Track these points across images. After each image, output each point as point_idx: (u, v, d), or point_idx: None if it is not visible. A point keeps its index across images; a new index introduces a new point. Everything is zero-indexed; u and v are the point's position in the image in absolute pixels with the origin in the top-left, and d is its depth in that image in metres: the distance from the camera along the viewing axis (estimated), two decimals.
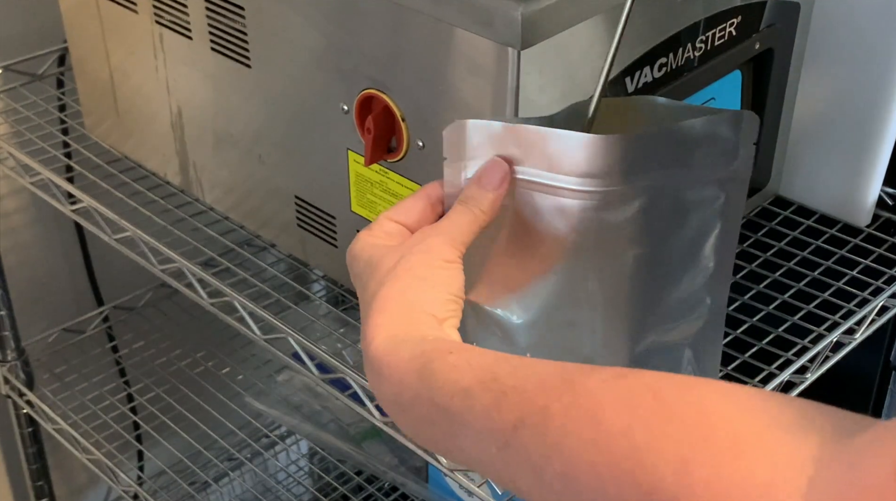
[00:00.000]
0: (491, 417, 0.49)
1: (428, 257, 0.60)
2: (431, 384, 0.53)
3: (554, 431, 0.45)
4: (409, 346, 0.56)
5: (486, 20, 0.67)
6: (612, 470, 0.42)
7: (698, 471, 0.40)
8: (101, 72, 1.06)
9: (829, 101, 0.93)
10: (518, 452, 0.47)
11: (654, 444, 0.41)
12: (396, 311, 0.59)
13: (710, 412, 0.42)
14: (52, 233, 1.34)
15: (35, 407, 1.30)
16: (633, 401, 0.44)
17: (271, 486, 1.45)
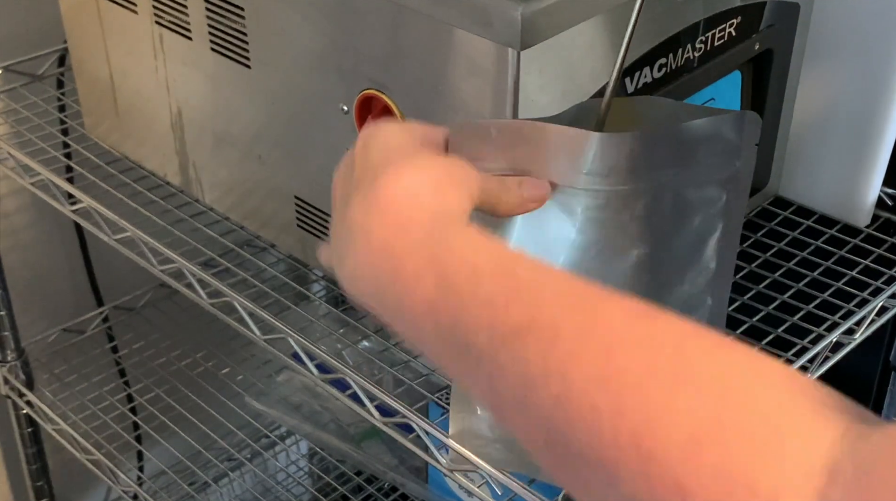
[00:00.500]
0: (495, 309, 0.45)
1: (455, 166, 0.55)
2: (441, 245, 0.48)
3: (560, 352, 0.42)
4: (429, 204, 0.51)
5: (485, 20, 0.67)
6: (614, 420, 0.40)
7: (707, 456, 0.38)
8: (100, 72, 1.06)
9: (829, 101, 0.93)
10: (513, 357, 0.43)
11: (667, 408, 0.39)
12: (423, 175, 0.53)
13: (731, 386, 0.39)
14: (52, 233, 1.34)
15: (35, 408, 1.30)
16: (653, 349, 0.41)
17: (271, 486, 1.45)
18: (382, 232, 0.51)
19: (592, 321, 0.43)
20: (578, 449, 0.41)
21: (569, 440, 0.41)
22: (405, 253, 0.49)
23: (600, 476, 0.40)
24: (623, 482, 0.39)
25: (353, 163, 0.56)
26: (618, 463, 0.40)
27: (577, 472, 0.42)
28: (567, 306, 0.44)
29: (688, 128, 0.64)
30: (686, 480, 0.38)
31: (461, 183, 0.54)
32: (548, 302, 0.45)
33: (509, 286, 0.46)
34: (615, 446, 0.40)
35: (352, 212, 0.53)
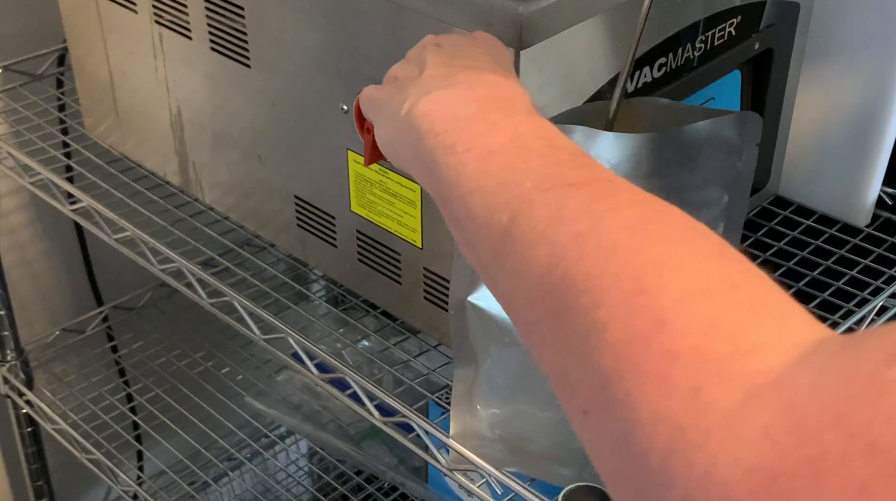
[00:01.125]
0: (557, 166, 0.48)
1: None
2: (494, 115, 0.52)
3: (601, 206, 0.44)
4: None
5: (485, 20, 0.67)
6: (627, 257, 0.41)
7: (703, 307, 0.38)
8: (100, 72, 1.06)
9: (829, 101, 0.93)
10: (556, 202, 0.45)
11: (681, 261, 0.40)
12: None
13: (743, 268, 0.40)
14: (52, 232, 1.34)
15: (35, 407, 1.30)
16: (679, 225, 0.43)
17: (271, 486, 1.45)
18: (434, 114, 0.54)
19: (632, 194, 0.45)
20: (576, 278, 0.42)
21: (573, 274, 0.42)
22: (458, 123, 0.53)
23: (584, 300, 0.41)
24: (603, 307, 0.40)
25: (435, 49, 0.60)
26: (608, 291, 0.40)
27: (564, 303, 0.42)
28: (624, 188, 0.47)
29: (692, 130, 0.64)
30: (671, 319, 0.38)
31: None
32: (606, 174, 0.48)
33: (568, 152, 0.49)
34: (614, 276, 0.40)
35: (408, 98, 0.56)
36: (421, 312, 0.85)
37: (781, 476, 0.32)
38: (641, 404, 0.37)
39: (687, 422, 0.35)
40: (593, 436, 0.40)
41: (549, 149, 0.50)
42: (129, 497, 1.29)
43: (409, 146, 0.56)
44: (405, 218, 0.81)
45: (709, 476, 0.34)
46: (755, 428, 0.33)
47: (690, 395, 0.36)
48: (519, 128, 0.52)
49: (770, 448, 0.33)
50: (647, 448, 0.36)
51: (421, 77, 0.57)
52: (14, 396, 1.31)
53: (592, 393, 0.40)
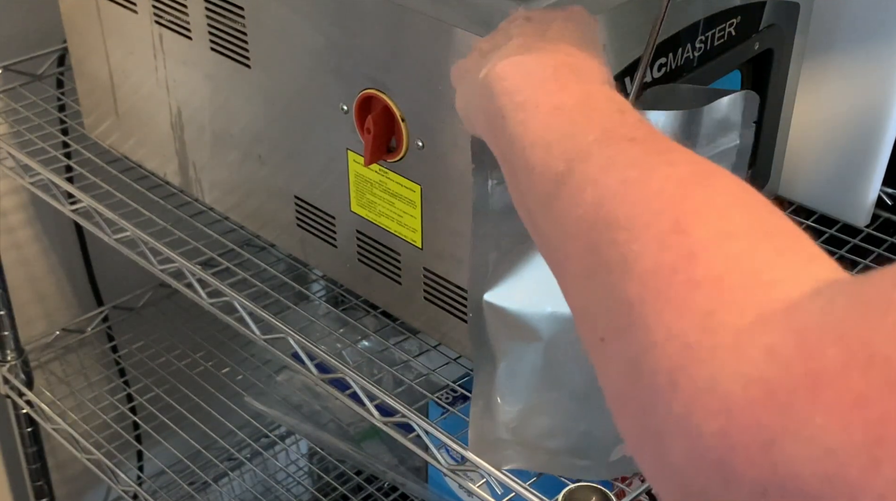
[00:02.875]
0: (621, 115, 0.50)
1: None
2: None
3: (657, 159, 0.46)
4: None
5: (485, 20, 0.67)
6: (666, 201, 0.42)
7: (732, 246, 0.39)
8: (100, 72, 1.06)
9: (829, 102, 0.93)
10: (615, 154, 0.47)
11: (714, 205, 0.42)
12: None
13: (771, 212, 0.42)
14: (52, 232, 1.34)
15: (35, 407, 1.30)
16: (716, 175, 0.44)
17: (271, 486, 1.45)
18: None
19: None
20: (618, 217, 0.43)
21: (615, 214, 0.43)
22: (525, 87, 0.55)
23: (621, 236, 0.42)
24: (638, 241, 0.41)
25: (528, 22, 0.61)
26: (645, 228, 0.41)
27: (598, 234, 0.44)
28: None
29: (703, 111, 0.67)
30: (700, 252, 0.39)
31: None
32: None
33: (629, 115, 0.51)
34: (654, 216, 0.42)
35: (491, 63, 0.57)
36: (421, 312, 0.85)
37: (780, 389, 0.33)
38: (658, 326, 0.38)
39: (696, 340, 0.36)
40: (607, 362, 0.42)
41: (615, 112, 0.51)
42: (129, 497, 1.29)
43: (481, 107, 0.57)
44: (405, 218, 0.82)
45: (710, 389, 0.35)
46: (760, 347, 0.35)
47: (703, 317, 0.37)
48: (590, 93, 0.53)
49: (772, 363, 0.34)
50: (656, 366, 0.37)
51: (505, 45, 0.59)
52: (14, 396, 1.31)
53: (612, 320, 0.41)
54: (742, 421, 0.34)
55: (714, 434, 0.35)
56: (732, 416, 0.34)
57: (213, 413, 1.35)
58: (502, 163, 0.55)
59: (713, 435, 0.35)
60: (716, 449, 0.35)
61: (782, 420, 0.33)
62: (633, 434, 0.40)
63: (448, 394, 0.88)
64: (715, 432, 0.35)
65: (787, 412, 0.33)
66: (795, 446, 0.32)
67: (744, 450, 0.34)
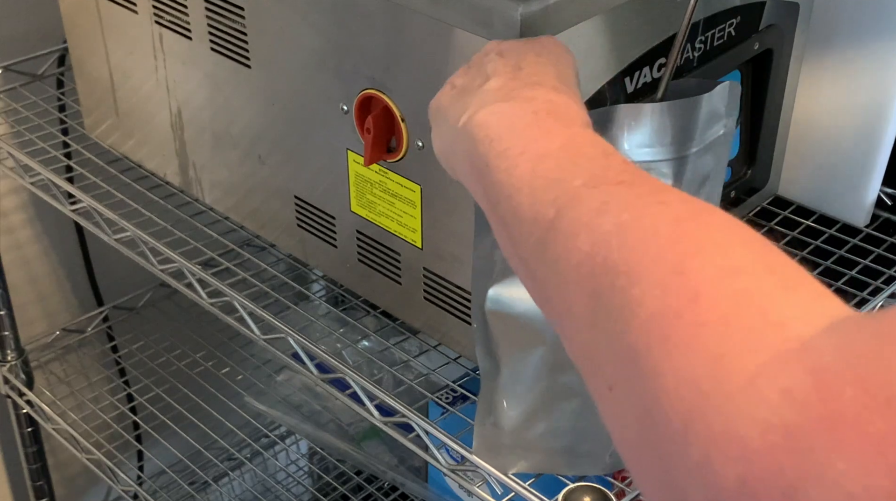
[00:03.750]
0: (606, 159, 0.50)
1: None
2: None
3: (650, 200, 0.45)
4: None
5: (485, 20, 0.67)
6: (667, 243, 0.42)
7: (739, 282, 0.38)
8: (100, 72, 1.06)
9: (829, 102, 0.93)
10: (608, 198, 0.46)
11: (717, 244, 0.41)
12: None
13: (770, 249, 0.41)
14: (52, 232, 1.34)
15: (35, 407, 1.30)
16: (712, 215, 0.44)
17: (271, 486, 1.45)
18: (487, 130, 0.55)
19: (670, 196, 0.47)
20: (616, 262, 0.42)
21: (613, 260, 0.43)
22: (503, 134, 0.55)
23: (621, 282, 0.41)
24: (639, 286, 0.40)
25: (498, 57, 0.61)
26: (645, 272, 0.41)
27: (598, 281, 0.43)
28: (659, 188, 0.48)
29: (697, 101, 0.68)
30: (704, 293, 0.38)
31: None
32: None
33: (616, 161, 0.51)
34: (653, 259, 0.41)
35: (465, 110, 0.57)
36: (421, 312, 0.85)
37: (799, 432, 0.32)
38: (667, 373, 0.37)
39: (710, 386, 0.36)
40: (617, 411, 0.41)
41: (601, 155, 0.50)
42: (129, 497, 1.29)
43: (463, 154, 0.57)
44: (405, 218, 0.82)
45: (727, 435, 0.34)
46: (776, 389, 0.34)
47: (714, 361, 0.36)
48: (573, 137, 0.52)
49: (790, 406, 0.33)
50: (670, 413, 0.37)
51: (482, 88, 0.58)
52: (14, 396, 1.31)
53: (619, 368, 0.40)
54: (762, 468, 0.33)
55: (734, 483, 0.34)
56: (752, 463, 0.33)
57: (213, 413, 1.35)
58: (488, 212, 0.54)
59: (733, 483, 0.34)
60: (736, 497, 0.34)
61: (803, 465, 0.32)
62: (650, 483, 0.39)
63: (448, 394, 0.88)
64: (735, 480, 0.34)
65: (807, 457, 0.32)
66: (817, 492, 0.32)
67: (765, 497, 0.33)
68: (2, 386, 1.32)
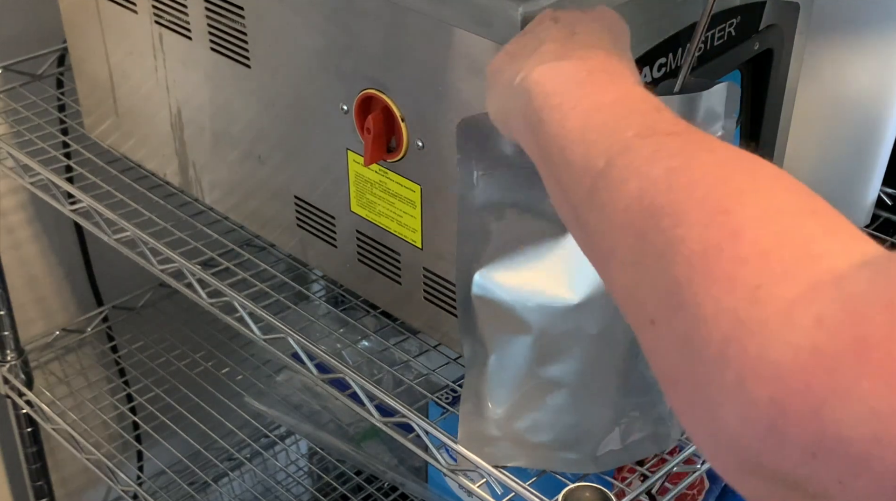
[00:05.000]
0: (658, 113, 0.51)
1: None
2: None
3: (698, 151, 0.47)
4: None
5: (485, 20, 0.67)
6: (710, 185, 0.43)
7: (780, 222, 0.40)
8: (100, 72, 1.06)
9: (829, 102, 0.93)
10: (658, 147, 0.48)
11: (757, 188, 0.43)
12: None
13: (812, 194, 0.43)
14: (52, 232, 1.34)
15: (34, 407, 1.30)
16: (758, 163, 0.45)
17: (271, 486, 1.45)
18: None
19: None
20: (663, 204, 0.44)
21: (660, 202, 0.44)
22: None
23: (666, 222, 0.43)
24: (683, 225, 0.42)
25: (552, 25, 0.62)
26: (690, 211, 0.42)
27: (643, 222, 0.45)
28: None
29: (697, 98, 0.68)
30: (746, 230, 0.40)
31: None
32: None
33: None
34: (698, 200, 0.43)
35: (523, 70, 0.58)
36: (421, 312, 0.85)
37: (829, 355, 0.34)
38: (707, 303, 0.39)
39: (746, 313, 0.38)
40: (658, 344, 0.43)
41: (653, 110, 0.52)
42: (129, 497, 1.29)
43: (518, 111, 0.58)
44: (405, 218, 0.82)
45: (761, 358, 0.36)
46: (810, 316, 0.36)
47: (752, 290, 0.38)
48: (627, 92, 0.54)
49: (821, 331, 0.35)
50: (708, 340, 0.39)
51: (537, 50, 0.59)
52: (14, 396, 1.31)
53: (661, 302, 0.42)
54: (792, 387, 0.35)
55: (766, 401, 0.36)
56: (783, 382, 0.35)
57: (213, 413, 1.35)
58: (541, 165, 0.56)
59: (765, 402, 0.36)
60: (768, 415, 0.36)
61: (830, 383, 0.34)
62: (686, 409, 0.41)
63: (448, 394, 0.88)
64: (767, 398, 0.36)
65: (834, 376, 0.34)
66: (843, 408, 0.33)
67: (795, 414, 0.35)
68: (2, 386, 1.32)
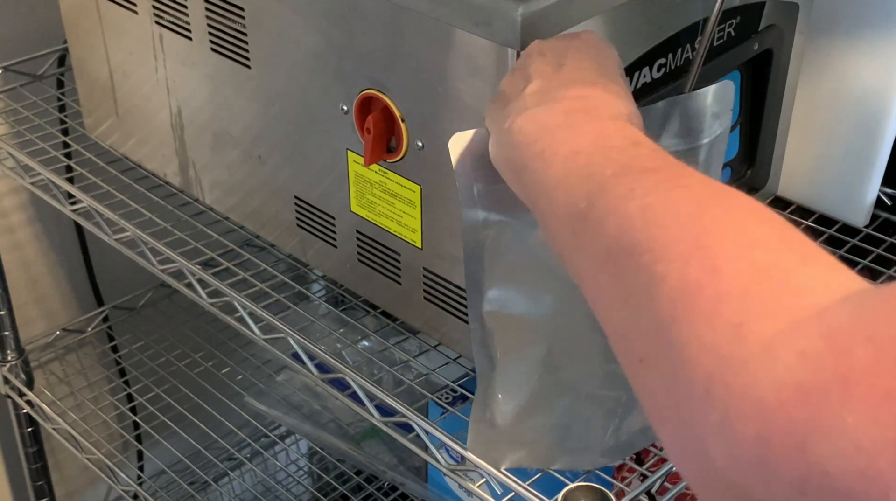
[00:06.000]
0: (635, 150, 0.52)
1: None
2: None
3: (675, 189, 0.47)
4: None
5: (485, 21, 0.67)
6: (686, 225, 0.44)
7: (759, 255, 0.40)
8: (100, 72, 1.06)
9: (828, 102, 0.93)
10: (636, 187, 0.48)
11: (737, 223, 0.43)
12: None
13: (787, 227, 0.43)
14: (52, 232, 1.34)
15: (35, 407, 1.30)
16: (739, 207, 0.45)
17: (271, 486, 1.45)
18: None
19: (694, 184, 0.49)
20: (640, 241, 0.45)
21: (638, 239, 0.45)
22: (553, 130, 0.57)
23: (646, 259, 0.44)
24: (662, 262, 0.43)
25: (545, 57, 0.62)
26: (668, 248, 0.43)
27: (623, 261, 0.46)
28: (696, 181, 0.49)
29: (691, 98, 0.69)
30: (724, 266, 0.40)
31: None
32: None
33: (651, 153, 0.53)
34: (675, 236, 0.43)
35: (520, 114, 0.59)
36: (421, 312, 0.85)
37: (812, 389, 0.34)
38: (691, 342, 0.39)
39: (729, 351, 0.38)
40: (647, 382, 0.43)
41: (630, 146, 0.53)
42: (129, 497, 1.29)
43: (507, 158, 0.59)
44: (405, 218, 0.82)
45: (745, 395, 0.36)
46: (792, 352, 0.36)
47: (734, 328, 0.38)
48: (603, 131, 0.55)
49: (804, 366, 0.35)
50: (692, 378, 0.39)
51: (522, 94, 0.60)
52: (14, 396, 1.31)
53: (647, 341, 0.43)
54: (777, 423, 0.35)
55: (752, 437, 0.36)
56: (768, 419, 0.36)
57: (213, 413, 1.36)
58: (532, 211, 0.57)
59: (751, 438, 0.36)
60: (754, 451, 0.36)
61: (815, 418, 0.34)
62: (675, 446, 0.41)
63: (448, 394, 0.88)
64: (752, 435, 0.36)
65: (818, 411, 0.34)
66: (828, 443, 0.33)
67: (780, 450, 0.35)
68: (2, 386, 1.32)
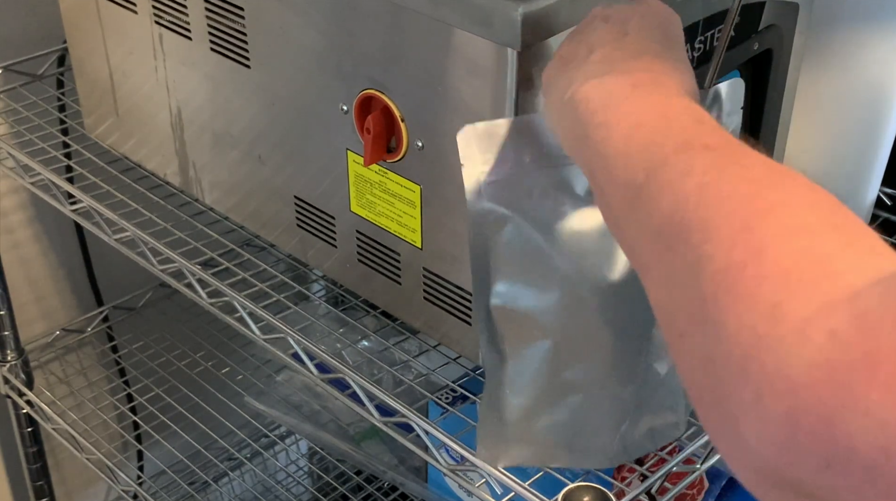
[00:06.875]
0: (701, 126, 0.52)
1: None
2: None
3: (731, 165, 0.48)
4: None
5: (485, 20, 0.67)
6: (739, 204, 0.44)
7: (802, 240, 0.41)
8: (100, 72, 1.06)
9: (829, 102, 0.93)
10: (692, 163, 0.49)
11: (784, 204, 0.44)
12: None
13: (840, 209, 0.45)
14: (52, 232, 1.34)
15: (35, 407, 1.30)
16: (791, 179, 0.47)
17: (271, 486, 1.45)
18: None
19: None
20: (692, 220, 0.46)
21: (690, 218, 0.46)
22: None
23: (695, 238, 0.45)
24: (711, 242, 0.44)
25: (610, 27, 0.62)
26: (717, 229, 0.44)
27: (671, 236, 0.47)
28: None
29: (704, 95, 0.68)
30: (768, 248, 0.41)
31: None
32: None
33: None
34: (726, 217, 0.44)
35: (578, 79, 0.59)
36: (421, 312, 0.85)
37: (841, 368, 0.36)
38: (729, 319, 0.41)
39: (765, 330, 0.39)
40: (686, 356, 0.45)
41: (693, 123, 0.53)
42: (129, 497, 1.29)
43: (567, 126, 0.59)
44: (405, 218, 0.82)
45: (777, 373, 0.38)
46: (823, 332, 0.37)
47: (771, 308, 0.39)
48: (669, 106, 0.55)
49: (834, 346, 0.37)
50: (729, 356, 0.40)
51: (586, 60, 0.60)
52: (14, 396, 1.31)
53: (689, 317, 0.44)
54: (806, 401, 0.37)
55: (782, 415, 0.37)
56: (798, 397, 0.37)
57: (213, 413, 1.36)
58: (589, 180, 0.57)
59: (781, 416, 0.37)
60: (784, 429, 0.37)
61: (842, 397, 0.36)
62: (710, 421, 0.43)
63: (448, 394, 0.88)
64: (782, 413, 0.37)
65: (845, 389, 0.35)
66: (853, 420, 0.35)
67: (808, 428, 0.37)
68: (2, 386, 1.32)
